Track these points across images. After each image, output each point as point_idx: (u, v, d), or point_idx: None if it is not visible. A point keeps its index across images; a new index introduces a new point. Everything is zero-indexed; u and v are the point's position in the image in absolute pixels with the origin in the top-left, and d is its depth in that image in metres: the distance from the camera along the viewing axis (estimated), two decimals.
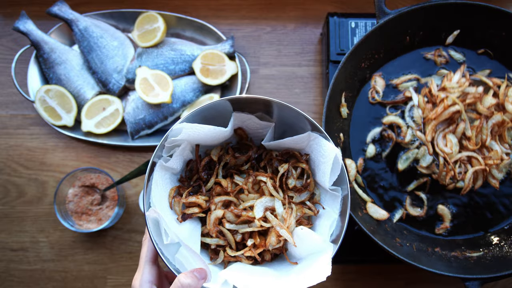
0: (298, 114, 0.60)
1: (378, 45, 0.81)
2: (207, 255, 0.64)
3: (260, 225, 0.60)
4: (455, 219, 0.81)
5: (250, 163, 0.66)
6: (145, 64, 0.94)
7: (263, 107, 0.63)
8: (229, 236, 0.61)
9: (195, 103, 0.96)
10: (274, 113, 0.63)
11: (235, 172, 0.65)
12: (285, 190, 0.63)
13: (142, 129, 0.94)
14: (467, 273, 0.71)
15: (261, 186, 0.63)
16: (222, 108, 0.62)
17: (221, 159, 0.65)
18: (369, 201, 0.80)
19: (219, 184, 0.64)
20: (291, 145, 0.64)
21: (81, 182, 0.92)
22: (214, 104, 0.60)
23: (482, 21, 0.79)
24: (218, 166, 0.65)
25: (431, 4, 0.76)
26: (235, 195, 0.63)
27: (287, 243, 0.63)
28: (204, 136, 0.61)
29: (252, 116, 0.63)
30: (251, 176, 0.63)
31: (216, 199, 0.62)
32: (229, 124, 0.62)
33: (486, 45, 0.82)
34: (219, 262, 0.62)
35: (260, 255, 0.62)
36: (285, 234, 0.59)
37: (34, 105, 0.95)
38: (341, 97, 0.82)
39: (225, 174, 0.66)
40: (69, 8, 0.96)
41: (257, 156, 0.66)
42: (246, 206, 0.61)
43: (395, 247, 0.74)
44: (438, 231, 0.80)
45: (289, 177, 0.63)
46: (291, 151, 0.65)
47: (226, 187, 0.63)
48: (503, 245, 0.78)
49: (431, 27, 0.81)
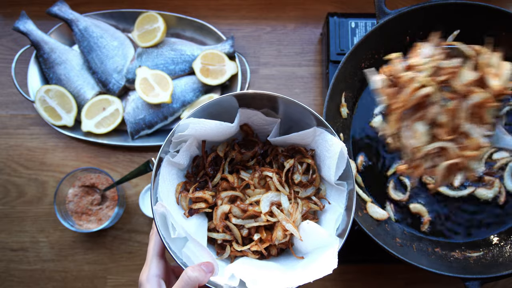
0: (304, 109, 0.60)
1: (378, 45, 0.81)
2: (213, 250, 0.64)
3: (266, 219, 0.61)
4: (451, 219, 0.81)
5: (256, 158, 0.66)
6: (145, 64, 0.94)
7: (269, 103, 0.63)
8: (235, 230, 0.62)
9: (195, 103, 0.96)
10: (280, 109, 0.64)
11: (241, 168, 0.65)
12: (291, 185, 0.64)
13: (142, 129, 0.94)
14: (467, 273, 0.71)
15: (267, 181, 0.63)
16: (228, 104, 0.62)
17: (227, 155, 0.66)
18: (369, 201, 0.80)
19: (225, 179, 0.64)
20: (296, 141, 0.64)
21: (81, 182, 0.92)
22: (220, 100, 0.60)
23: (482, 21, 0.79)
24: (224, 162, 0.65)
25: (431, 4, 0.76)
26: (241, 190, 0.64)
27: (293, 237, 0.63)
28: (211, 132, 0.61)
29: (258, 112, 0.64)
30: (257, 171, 0.63)
31: (222, 194, 0.63)
32: (235, 119, 0.62)
33: (485, 45, 0.82)
34: (226, 257, 0.63)
35: (266, 249, 0.62)
36: (291, 228, 0.60)
37: (34, 105, 0.95)
38: (341, 97, 0.82)
39: (231, 169, 0.66)
40: (69, 8, 0.96)
41: (263, 152, 0.67)
42: (253, 201, 0.62)
43: (395, 247, 0.74)
44: (423, 228, 0.80)
45: (295, 173, 0.64)
46: (296, 147, 0.65)
47: (232, 183, 0.63)
48: (503, 245, 0.78)
49: (431, 27, 0.81)
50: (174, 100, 0.94)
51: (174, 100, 0.94)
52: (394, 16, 0.77)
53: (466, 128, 0.61)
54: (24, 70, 0.96)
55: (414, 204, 0.81)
